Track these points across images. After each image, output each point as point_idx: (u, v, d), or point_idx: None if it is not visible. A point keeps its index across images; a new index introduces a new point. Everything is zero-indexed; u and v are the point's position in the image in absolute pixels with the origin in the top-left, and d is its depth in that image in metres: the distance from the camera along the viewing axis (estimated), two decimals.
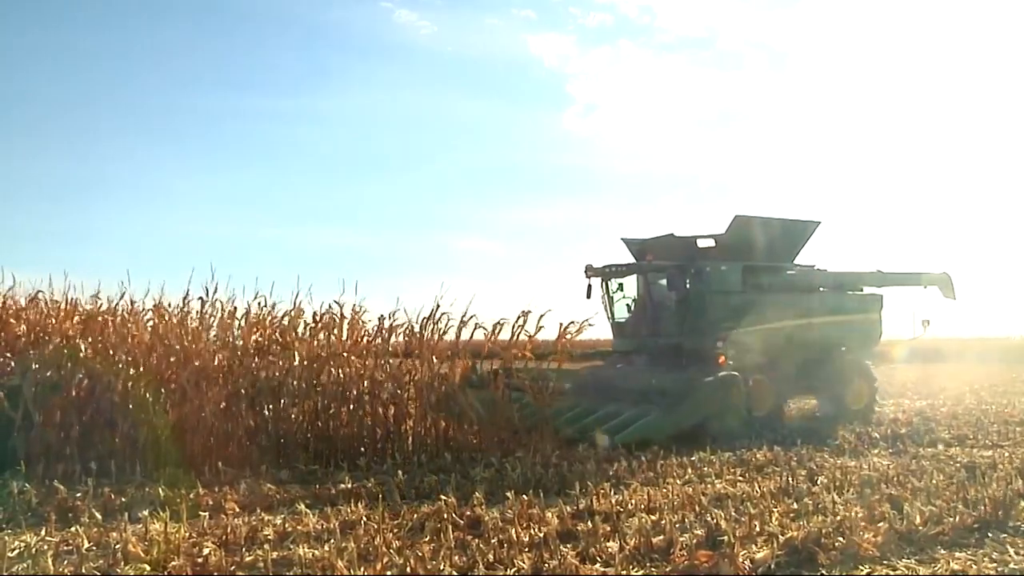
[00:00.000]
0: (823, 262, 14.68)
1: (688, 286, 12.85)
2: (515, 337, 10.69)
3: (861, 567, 4.88)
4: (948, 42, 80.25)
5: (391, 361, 9.98)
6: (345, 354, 9.79)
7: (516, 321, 10.60)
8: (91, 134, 72.76)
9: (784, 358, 12.78)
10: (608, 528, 5.63)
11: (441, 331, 10.37)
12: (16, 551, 5.10)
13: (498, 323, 10.65)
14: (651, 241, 13.79)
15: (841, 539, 5.16)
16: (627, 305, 13.90)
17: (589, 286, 13.80)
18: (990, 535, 5.49)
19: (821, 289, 14.25)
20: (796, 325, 13.25)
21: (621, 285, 13.91)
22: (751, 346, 12.51)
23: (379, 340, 10.27)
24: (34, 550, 4.99)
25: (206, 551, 5.04)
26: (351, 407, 9.39)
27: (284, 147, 79.74)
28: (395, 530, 5.69)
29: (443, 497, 6.37)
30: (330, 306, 10.14)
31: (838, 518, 5.61)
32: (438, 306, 10.30)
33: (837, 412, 13.20)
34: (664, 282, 13.10)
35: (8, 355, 9.30)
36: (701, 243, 13.45)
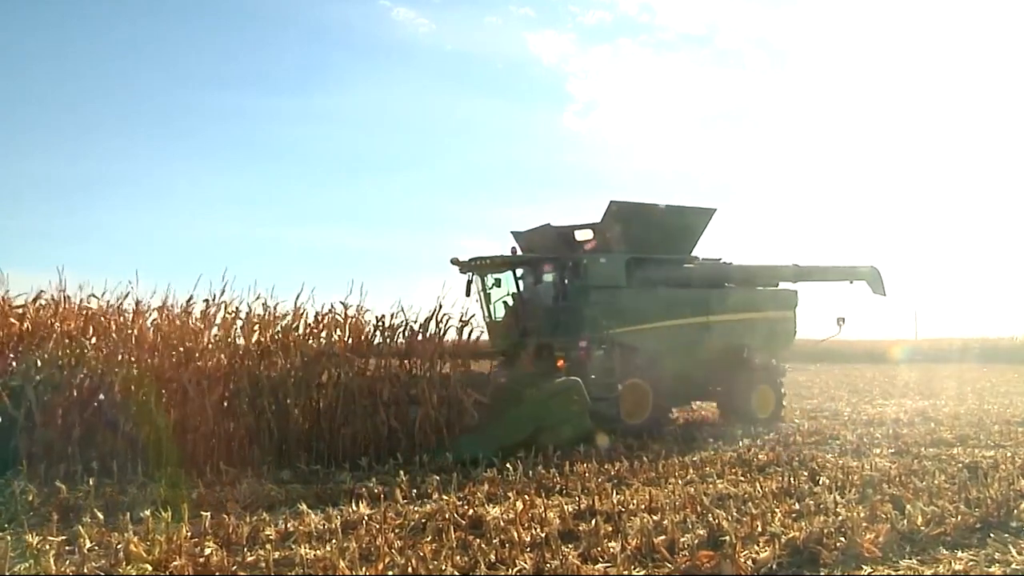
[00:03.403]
0: (742, 256, 13.74)
1: (565, 281, 11.98)
2: None
3: (863, 567, 4.87)
4: (950, 40, 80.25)
5: (392, 360, 9.97)
6: (349, 354, 9.78)
7: None
8: (92, 133, 72.64)
9: (675, 360, 11.73)
10: (610, 528, 5.63)
11: (442, 331, 10.37)
12: (18, 551, 5.09)
13: None
14: (527, 233, 12.88)
15: (843, 539, 5.15)
16: (504, 302, 12.80)
17: (469, 282, 12.63)
18: (992, 535, 5.47)
19: (727, 284, 13.28)
20: (692, 324, 12.25)
21: (498, 280, 12.74)
22: (632, 347, 11.59)
23: (378, 340, 10.25)
24: (36, 550, 4.97)
25: (207, 551, 5.04)
26: (352, 407, 9.38)
27: (284, 147, 79.63)
28: (397, 530, 5.68)
29: (445, 497, 6.37)
30: (332, 307, 10.14)
31: (840, 518, 5.60)
32: (440, 306, 10.28)
33: (738, 420, 12.15)
34: (544, 276, 12.17)
35: (10, 355, 9.29)
36: (579, 234, 12.32)
